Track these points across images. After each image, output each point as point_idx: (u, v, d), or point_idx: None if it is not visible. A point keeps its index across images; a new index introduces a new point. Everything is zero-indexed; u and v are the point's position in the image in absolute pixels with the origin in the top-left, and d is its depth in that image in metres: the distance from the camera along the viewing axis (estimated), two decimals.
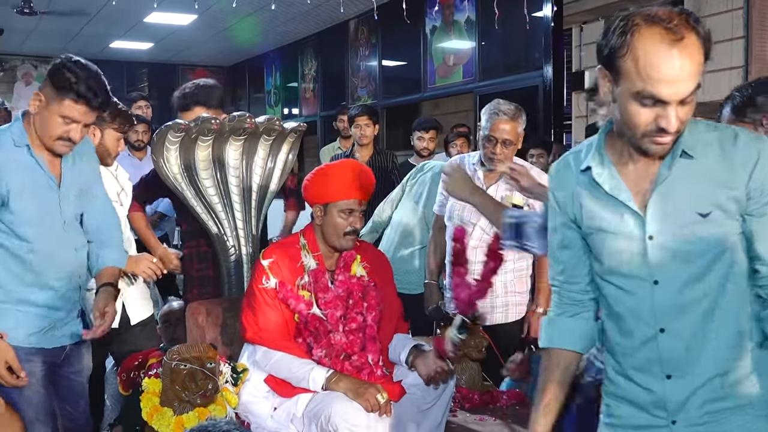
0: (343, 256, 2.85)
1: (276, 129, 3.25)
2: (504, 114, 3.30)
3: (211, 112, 3.32)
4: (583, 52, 7.49)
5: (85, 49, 11.29)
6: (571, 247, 1.77)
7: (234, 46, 11.40)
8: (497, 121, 3.29)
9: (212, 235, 3.21)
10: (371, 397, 2.53)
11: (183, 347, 2.70)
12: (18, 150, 2.50)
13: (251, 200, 3.28)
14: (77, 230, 2.66)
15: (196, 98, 3.45)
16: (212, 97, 3.46)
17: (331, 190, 2.76)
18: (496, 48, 7.45)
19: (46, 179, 2.54)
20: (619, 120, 1.57)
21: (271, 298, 2.75)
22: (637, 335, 1.65)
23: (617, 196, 1.62)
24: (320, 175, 2.82)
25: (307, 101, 11.14)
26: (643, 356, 1.65)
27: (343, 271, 2.83)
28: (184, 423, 2.55)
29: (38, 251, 2.51)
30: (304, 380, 2.65)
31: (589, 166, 1.67)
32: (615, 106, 1.57)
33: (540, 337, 1.88)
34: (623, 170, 1.63)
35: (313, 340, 2.73)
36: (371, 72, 9.47)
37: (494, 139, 3.29)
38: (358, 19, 9.53)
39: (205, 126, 3.05)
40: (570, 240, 1.77)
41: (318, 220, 2.81)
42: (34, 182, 2.50)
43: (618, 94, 1.54)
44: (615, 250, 1.65)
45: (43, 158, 2.53)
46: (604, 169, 1.64)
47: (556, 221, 1.79)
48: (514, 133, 3.31)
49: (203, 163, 3.14)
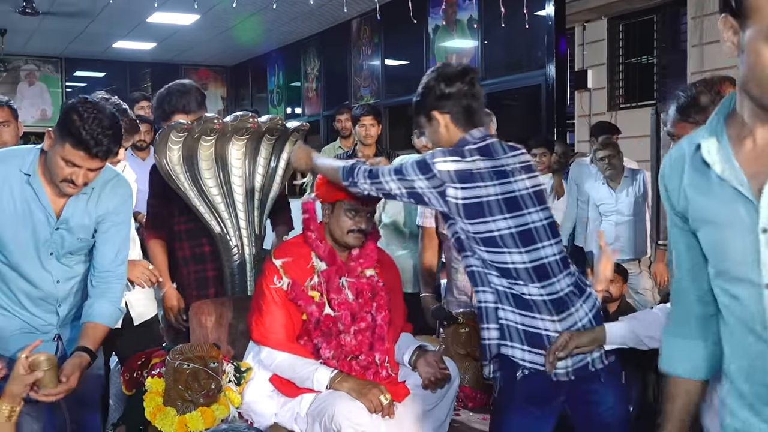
0: (352, 257, 2.86)
1: (279, 128, 3.25)
2: None
3: (191, 117, 3.29)
4: (585, 50, 7.50)
5: (88, 49, 11.33)
6: (680, 245, 1.54)
7: (237, 45, 11.41)
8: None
9: (215, 235, 3.21)
10: (374, 398, 2.53)
11: (186, 347, 2.71)
12: (21, 175, 2.46)
13: (254, 200, 3.28)
14: (71, 263, 2.62)
15: (173, 106, 3.40)
16: (190, 101, 3.41)
17: (338, 189, 2.76)
18: (498, 47, 7.45)
19: (41, 210, 2.48)
20: (747, 75, 1.31)
21: (281, 298, 2.75)
22: (747, 353, 1.38)
23: (728, 178, 1.35)
24: None
25: (310, 101, 11.15)
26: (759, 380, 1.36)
27: (352, 272, 2.84)
28: (187, 423, 2.56)
29: (12, 272, 2.51)
30: (308, 380, 2.65)
31: (698, 143, 1.42)
32: (742, 60, 1.32)
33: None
34: (740, 148, 1.37)
35: (324, 341, 2.73)
36: (374, 71, 9.47)
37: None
38: (361, 18, 9.53)
39: (207, 126, 3.05)
40: (676, 238, 1.54)
41: (326, 218, 2.83)
42: (24, 209, 2.46)
43: (746, 41, 1.29)
44: (723, 246, 1.39)
45: (44, 189, 2.48)
46: (717, 147, 1.38)
47: (669, 217, 1.55)
48: None
49: (206, 163, 3.14)
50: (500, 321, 2.29)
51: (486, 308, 2.30)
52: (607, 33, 7.27)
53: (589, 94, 7.41)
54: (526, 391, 2.28)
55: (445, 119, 2.42)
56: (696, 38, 6.23)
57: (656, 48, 7.04)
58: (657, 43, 7.02)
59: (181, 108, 3.39)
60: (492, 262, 2.28)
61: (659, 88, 6.92)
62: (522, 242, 2.28)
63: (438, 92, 2.40)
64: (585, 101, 7.45)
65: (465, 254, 2.35)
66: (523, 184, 2.36)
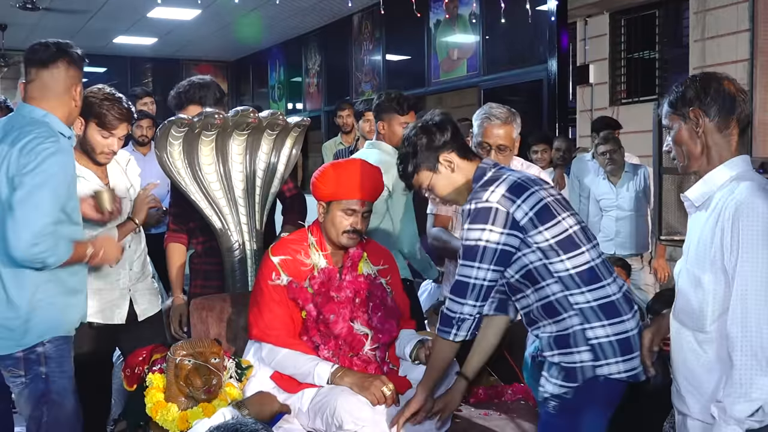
0: (350, 255, 2.85)
1: (279, 123, 3.24)
2: (496, 118, 3.16)
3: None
4: (587, 45, 7.47)
5: (89, 45, 11.28)
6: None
7: (238, 41, 11.39)
8: (489, 125, 3.16)
9: (216, 231, 3.20)
10: (376, 390, 2.53)
11: (187, 342, 2.70)
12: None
13: (255, 195, 3.27)
14: None
15: (191, 97, 3.41)
16: (207, 94, 3.42)
17: (334, 188, 2.75)
18: (500, 42, 7.43)
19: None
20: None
21: (279, 295, 2.74)
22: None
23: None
24: (325, 172, 2.81)
25: (311, 96, 11.13)
26: None
27: (350, 271, 2.82)
28: (189, 418, 2.55)
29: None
30: (309, 376, 2.65)
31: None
32: None
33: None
34: None
35: (322, 341, 2.73)
36: (375, 66, 9.45)
37: (487, 146, 3.16)
38: (362, 13, 9.51)
39: (208, 121, 3.04)
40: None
41: (321, 217, 2.82)
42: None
43: None
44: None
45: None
46: None
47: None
48: (508, 138, 3.17)
49: (207, 158, 3.14)
50: (590, 342, 2.24)
51: (573, 333, 2.25)
52: (609, 28, 7.24)
53: (590, 89, 7.39)
54: (606, 394, 2.28)
55: (452, 157, 2.44)
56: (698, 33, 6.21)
57: (658, 43, 7.01)
58: (659, 38, 7.00)
59: (197, 99, 3.41)
60: (574, 273, 2.25)
61: (661, 83, 6.89)
62: (586, 239, 2.31)
63: (436, 141, 2.43)
64: (587, 96, 7.42)
65: (539, 286, 2.29)
66: (548, 192, 2.36)
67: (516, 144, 3.23)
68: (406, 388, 2.68)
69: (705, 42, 6.18)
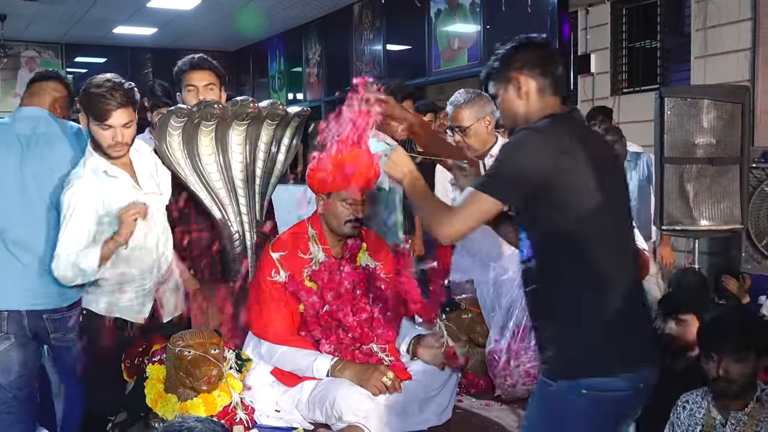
0: (349, 247, 2.84)
1: (279, 113, 3.23)
2: (452, 103, 3.32)
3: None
4: (588, 34, 7.44)
5: (88, 35, 11.27)
6: None
7: (238, 31, 11.35)
8: (450, 110, 3.32)
9: (216, 221, 3.19)
10: (377, 381, 2.53)
11: (187, 333, 2.70)
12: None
13: (255, 185, 3.26)
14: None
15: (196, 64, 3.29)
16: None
17: (334, 180, 2.74)
18: (501, 31, 7.39)
19: None
20: None
21: (279, 291, 2.74)
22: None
23: None
24: (323, 165, 2.78)
25: (311, 86, 11.10)
26: None
27: (349, 263, 2.82)
28: (189, 409, 2.55)
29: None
30: (308, 370, 2.65)
31: None
32: None
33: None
34: None
35: (323, 335, 2.72)
36: (376, 56, 9.41)
37: (452, 129, 3.30)
38: (363, 2, 9.47)
39: (207, 111, 3.03)
40: None
41: (321, 209, 2.81)
42: None
43: None
44: None
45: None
46: None
47: None
48: (465, 119, 3.23)
49: (206, 149, 3.12)
50: None
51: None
52: (611, 17, 7.21)
53: (592, 78, 7.36)
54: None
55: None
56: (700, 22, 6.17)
57: (660, 32, 6.97)
58: (661, 27, 6.96)
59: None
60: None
61: (663, 72, 6.86)
62: None
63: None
64: (588, 86, 7.39)
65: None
66: None
67: (480, 126, 3.25)
68: (406, 376, 2.68)
69: (707, 31, 6.15)
